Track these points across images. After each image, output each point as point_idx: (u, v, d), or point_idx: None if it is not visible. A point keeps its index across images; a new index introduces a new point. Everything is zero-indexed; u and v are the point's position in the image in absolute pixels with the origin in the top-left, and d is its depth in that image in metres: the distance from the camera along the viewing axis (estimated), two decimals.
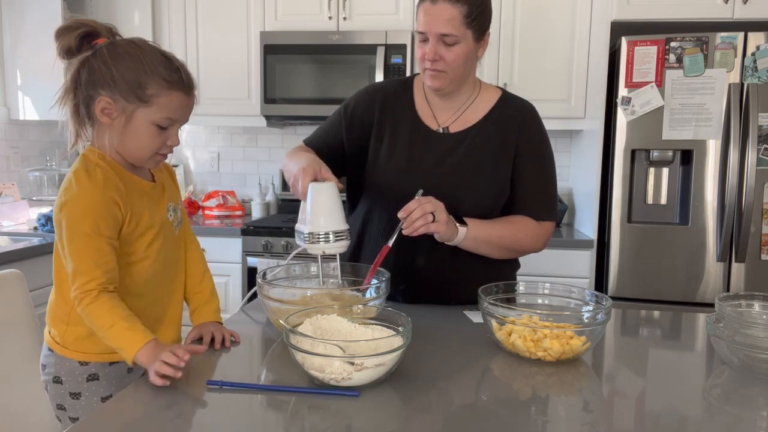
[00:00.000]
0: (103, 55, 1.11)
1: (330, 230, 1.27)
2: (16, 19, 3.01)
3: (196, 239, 1.39)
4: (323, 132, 1.61)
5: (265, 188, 3.61)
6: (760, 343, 1.07)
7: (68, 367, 1.21)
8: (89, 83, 1.12)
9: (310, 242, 1.28)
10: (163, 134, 1.15)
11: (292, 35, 3.07)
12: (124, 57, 1.11)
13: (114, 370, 1.23)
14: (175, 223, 1.28)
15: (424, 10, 1.38)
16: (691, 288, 2.64)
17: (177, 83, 1.13)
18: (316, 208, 1.28)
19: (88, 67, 1.12)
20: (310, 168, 1.31)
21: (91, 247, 1.10)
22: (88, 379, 1.21)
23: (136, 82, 1.10)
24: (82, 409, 1.22)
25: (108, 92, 1.11)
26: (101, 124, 1.14)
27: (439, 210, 1.33)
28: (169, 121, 1.14)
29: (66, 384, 1.21)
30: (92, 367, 1.21)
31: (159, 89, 1.11)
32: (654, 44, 2.56)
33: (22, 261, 2.25)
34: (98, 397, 1.22)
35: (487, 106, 1.52)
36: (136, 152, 1.16)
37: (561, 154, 3.37)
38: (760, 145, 2.51)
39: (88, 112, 1.14)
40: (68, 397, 1.21)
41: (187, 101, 1.16)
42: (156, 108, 1.12)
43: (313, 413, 0.92)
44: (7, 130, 3.07)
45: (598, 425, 0.93)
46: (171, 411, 0.94)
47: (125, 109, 1.11)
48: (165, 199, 1.26)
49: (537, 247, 1.53)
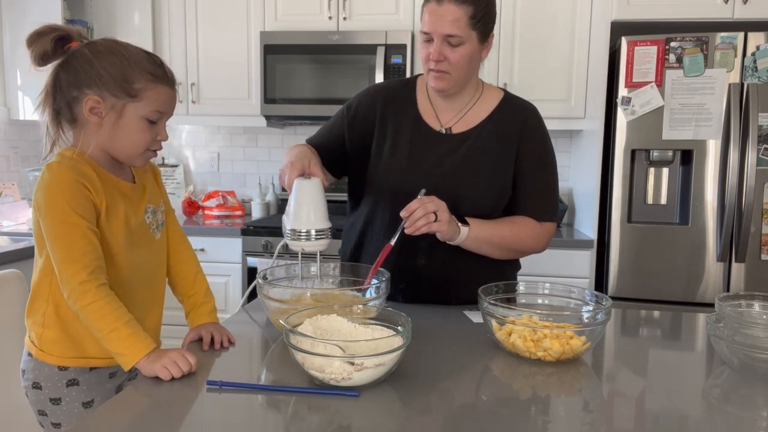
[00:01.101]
0: (84, 55, 1.11)
1: (311, 228, 1.27)
2: (16, 19, 3.01)
3: (186, 239, 1.37)
4: (326, 131, 1.61)
5: (265, 188, 3.61)
6: (760, 343, 1.07)
7: (47, 372, 1.19)
8: (72, 85, 1.11)
9: (291, 239, 1.29)
10: (153, 129, 1.15)
11: (292, 35, 3.07)
12: (107, 54, 1.11)
13: (94, 376, 1.21)
14: (153, 225, 1.26)
15: (429, 11, 1.38)
16: (691, 288, 2.64)
17: (162, 77, 1.14)
18: (299, 205, 1.28)
19: (68, 69, 1.11)
20: (298, 162, 1.32)
21: (73, 234, 1.08)
22: (68, 385, 1.19)
23: (123, 77, 1.10)
24: (63, 415, 1.20)
25: (95, 91, 1.10)
26: (87, 125, 1.13)
27: (441, 209, 1.33)
28: (159, 115, 1.15)
29: (45, 390, 1.19)
30: (71, 372, 1.19)
31: (146, 83, 1.12)
32: (654, 44, 2.56)
33: (22, 261, 2.25)
34: (79, 403, 1.20)
35: (490, 107, 1.52)
36: (128, 149, 1.16)
37: (561, 154, 3.37)
38: (760, 145, 2.51)
39: (72, 114, 1.13)
40: (48, 402, 1.19)
41: (171, 94, 1.17)
42: (145, 102, 1.12)
43: (313, 413, 0.92)
44: (7, 130, 3.07)
45: (598, 425, 0.93)
46: (171, 411, 0.94)
47: (115, 106, 1.11)
48: (144, 201, 1.24)
49: (538, 248, 1.53)
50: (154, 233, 1.26)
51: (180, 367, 1.03)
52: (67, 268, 1.07)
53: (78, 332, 1.18)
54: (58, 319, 1.17)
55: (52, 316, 1.17)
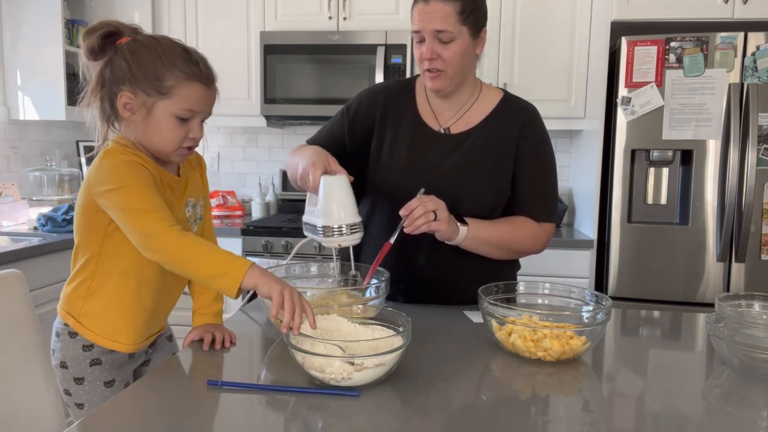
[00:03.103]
0: (123, 52, 1.14)
1: (344, 223, 1.27)
2: (16, 19, 3.01)
3: (215, 236, 1.41)
4: (326, 132, 1.61)
5: (265, 188, 3.61)
6: (760, 343, 1.07)
7: (72, 353, 1.24)
8: (112, 81, 1.14)
9: (324, 236, 1.27)
10: (185, 126, 1.16)
11: (292, 35, 3.07)
12: (142, 51, 1.13)
13: (115, 356, 1.26)
14: (192, 219, 1.30)
15: (418, 10, 1.39)
16: (691, 288, 2.64)
17: (195, 75, 1.14)
18: (329, 201, 1.27)
19: (111, 65, 1.14)
20: (319, 161, 1.30)
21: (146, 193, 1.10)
22: (91, 364, 1.24)
23: (154, 75, 1.12)
24: (86, 395, 1.25)
25: (129, 87, 1.13)
26: (125, 120, 1.16)
27: (440, 208, 1.33)
28: (190, 113, 1.16)
29: (71, 369, 1.25)
30: (95, 352, 1.24)
31: (177, 80, 1.13)
32: (654, 44, 2.56)
33: (22, 261, 2.25)
34: (101, 382, 1.25)
35: (489, 107, 1.52)
36: (159, 146, 1.18)
37: (561, 154, 3.37)
38: (760, 145, 2.51)
39: (114, 109, 1.16)
40: (72, 382, 1.25)
41: (207, 93, 1.17)
42: (175, 100, 1.13)
43: (313, 413, 0.92)
44: (7, 130, 3.07)
45: (598, 425, 0.93)
46: (171, 411, 0.94)
47: (145, 103, 1.14)
48: (186, 196, 1.27)
49: (537, 248, 1.53)
50: (191, 226, 1.29)
51: (297, 313, 1.01)
52: (145, 216, 1.08)
53: (114, 315, 1.23)
54: (99, 297, 1.22)
55: (95, 293, 1.22)
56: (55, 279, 2.38)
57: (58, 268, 2.41)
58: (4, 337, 1.29)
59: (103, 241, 1.20)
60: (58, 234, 2.60)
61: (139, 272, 1.21)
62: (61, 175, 3.15)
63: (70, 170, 3.22)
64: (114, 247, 1.20)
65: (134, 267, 1.21)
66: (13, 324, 1.32)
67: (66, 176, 3.17)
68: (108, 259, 1.21)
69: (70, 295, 1.25)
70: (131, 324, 1.25)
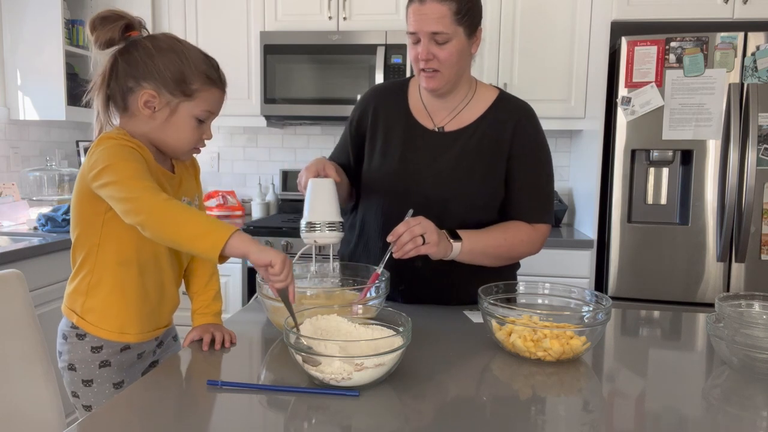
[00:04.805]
0: (146, 48, 1.14)
1: (323, 220, 1.32)
2: (16, 19, 3.01)
3: None
4: (337, 149, 1.66)
5: (265, 188, 3.61)
6: (760, 343, 1.07)
7: (81, 354, 1.23)
8: (129, 75, 1.14)
9: (306, 231, 1.34)
10: (201, 127, 1.21)
11: (292, 35, 3.07)
12: (169, 52, 1.15)
13: (125, 356, 1.26)
14: None
15: (413, 11, 1.39)
16: (691, 288, 2.64)
17: (216, 80, 1.20)
18: (312, 201, 1.35)
19: (128, 59, 1.14)
20: (313, 166, 1.38)
21: (135, 167, 1.08)
22: (101, 366, 1.24)
23: (182, 77, 1.14)
24: (94, 396, 1.24)
25: (152, 85, 1.14)
26: (138, 116, 1.17)
27: (429, 231, 1.31)
28: (208, 114, 1.20)
29: (79, 371, 1.24)
30: (104, 354, 1.23)
31: (201, 84, 1.16)
32: (654, 44, 2.56)
33: (22, 261, 2.25)
34: (110, 384, 1.25)
35: (484, 106, 1.52)
36: (175, 145, 1.20)
37: (561, 154, 3.37)
38: (760, 145, 2.51)
39: (125, 103, 1.17)
40: (81, 384, 1.24)
41: (222, 96, 1.23)
42: (197, 102, 1.17)
43: (313, 413, 0.92)
44: (7, 130, 3.07)
45: (598, 425, 0.92)
46: (171, 411, 0.94)
47: (170, 103, 1.15)
48: (180, 193, 1.28)
49: (533, 251, 1.52)
50: None
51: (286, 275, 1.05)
52: (132, 182, 1.06)
53: (117, 306, 1.22)
54: (100, 290, 1.22)
55: (96, 287, 1.21)
56: (55, 279, 2.38)
57: (58, 268, 2.41)
58: (3, 337, 1.29)
59: (102, 229, 1.18)
60: (58, 234, 2.60)
61: (140, 260, 1.21)
62: (61, 175, 3.15)
63: (70, 170, 3.22)
64: (113, 235, 1.18)
65: (134, 255, 1.20)
66: (13, 324, 1.32)
67: (66, 176, 3.17)
68: (107, 250, 1.20)
69: (72, 293, 1.25)
70: (135, 315, 1.24)
